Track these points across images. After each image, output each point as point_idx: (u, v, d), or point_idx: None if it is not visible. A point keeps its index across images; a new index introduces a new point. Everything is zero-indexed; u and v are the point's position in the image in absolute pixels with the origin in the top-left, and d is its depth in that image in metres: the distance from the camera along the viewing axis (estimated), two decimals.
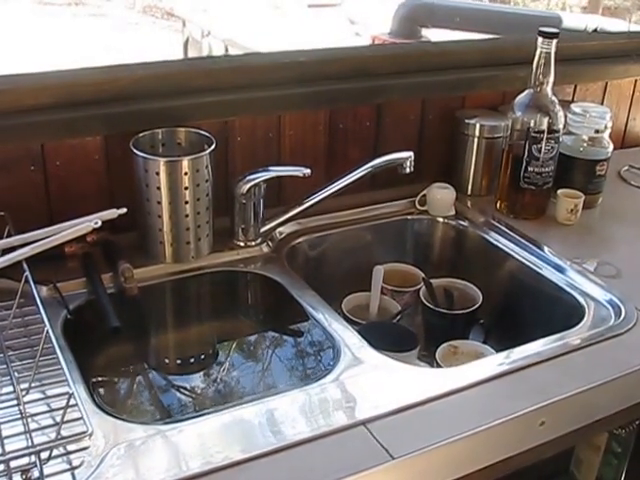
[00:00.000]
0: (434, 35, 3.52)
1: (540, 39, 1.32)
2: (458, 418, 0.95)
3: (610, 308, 1.17)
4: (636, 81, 1.70)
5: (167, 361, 1.26)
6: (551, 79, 1.34)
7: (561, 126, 1.35)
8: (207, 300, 1.28)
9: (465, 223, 1.43)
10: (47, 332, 0.93)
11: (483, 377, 1.01)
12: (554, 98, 1.35)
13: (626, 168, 1.63)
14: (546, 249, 1.32)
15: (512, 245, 1.35)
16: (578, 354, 1.07)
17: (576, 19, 2.72)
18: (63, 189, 1.24)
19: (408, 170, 1.25)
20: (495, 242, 1.37)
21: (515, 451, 0.99)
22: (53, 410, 0.93)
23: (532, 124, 1.34)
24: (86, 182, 1.25)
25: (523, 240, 1.35)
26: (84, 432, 0.83)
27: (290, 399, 0.97)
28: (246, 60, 1.33)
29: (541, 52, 1.33)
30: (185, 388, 1.15)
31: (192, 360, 1.25)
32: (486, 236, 1.39)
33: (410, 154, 1.24)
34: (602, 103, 1.66)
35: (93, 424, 0.83)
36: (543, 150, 1.34)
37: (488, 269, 1.38)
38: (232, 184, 1.26)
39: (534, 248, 1.33)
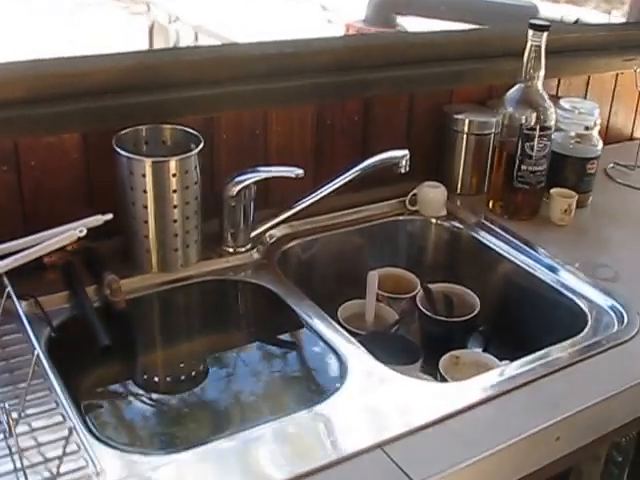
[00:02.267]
0: (410, 23, 3.47)
1: (531, 32, 1.28)
2: (476, 436, 0.90)
3: (612, 314, 1.14)
4: (617, 75, 1.68)
5: (157, 380, 1.17)
6: (542, 73, 1.30)
7: (553, 122, 1.32)
8: (198, 312, 1.21)
9: (459, 224, 1.39)
10: (38, 356, 0.85)
11: (495, 392, 0.97)
12: (544, 93, 1.31)
13: (611, 165, 1.61)
14: (542, 252, 1.29)
15: (508, 248, 1.32)
16: (586, 364, 1.04)
17: (549, 9, 2.69)
18: (38, 191, 1.15)
19: (404, 170, 1.20)
20: (491, 245, 1.33)
21: (532, 468, 0.96)
22: (43, 444, 0.84)
23: (524, 120, 1.30)
24: (63, 183, 1.16)
25: (519, 242, 1.31)
26: (85, 468, 0.77)
27: (298, 421, 0.91)
28: (232, 51, 1.25)
29: (532, 45, 1.29)
30: (181, 409, 1.07)
31: (184, 378, 1.17)
32: (481, 238, 1.35)
33: (405, 152, 1.19)
34: (585, 97, 1.64)
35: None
36: (536, 148, 1.31)
37: (484, 273, 1.34)
38: (218, 185, 1.19)
39: (530, 251, 1.30)
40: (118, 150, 1.09)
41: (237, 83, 1.23)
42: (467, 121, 1.41)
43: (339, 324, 1.16)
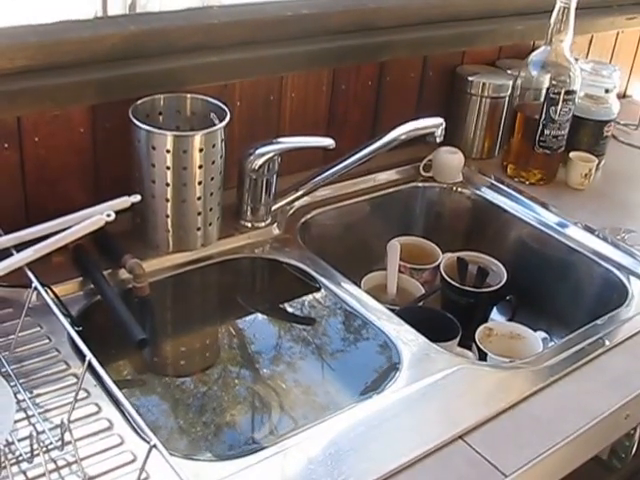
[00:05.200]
0: None
1: None
2: (553, 421, 0.86)
3: None
4: (618, 34, 1.65)
5: (187, 366, 1.08)
6: (569, 36, 1.25)
7: (578, 86, 1.27)
8: (224, 293, 1.12)
9: (477, 190, 1.34)
10: (89, 362, 0.76)
11: (560, 372, 0.93)
12: (571, 57, 1.27)
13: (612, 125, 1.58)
14: (567, 217, 1.25)
15: (531, 213, 1.28)
16: None
17: None
18: (42, 170, 1.03)
19: (439, 139, 1.13)
20: (512, 210, 1.29)
21: (601, 447, 0.93)
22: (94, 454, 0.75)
23: (549, 84, 1.25)
24: (69, 160, 1.05)
25: (541, 207, 1.28)
26: None
27: (365, 414, 0.84)
28: (248, 13, 1.14)
29: (560, 7, 1.23)
30: (226, 403, 0.99)
31: (218, 363, 1.07)
32: (501, 204, 1.31)
33: (441, 121, 1.12)
34: (587, 57, 1.60)
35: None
36: (560, 112, 1.26)
37: (506, 239, 1.30)
38: (231, 154, 1.08)
39: (553, 216, 1.26)
40: (137, 123, 0.99)
41: (254, 48, 1.13)
42: (482, 83, 1.34)
43: None
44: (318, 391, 1.01)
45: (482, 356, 1.06)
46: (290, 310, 1.15)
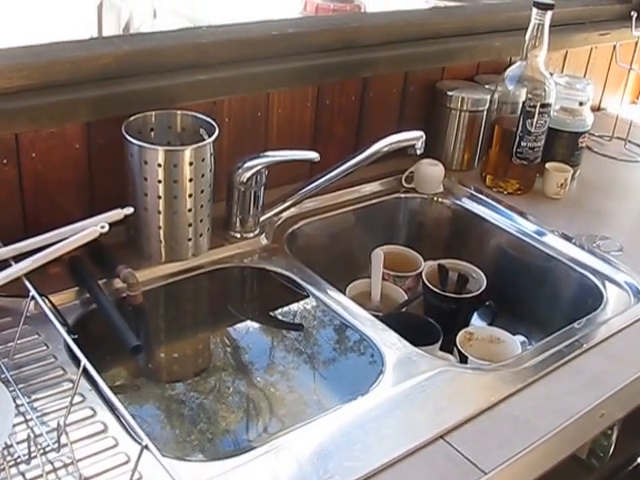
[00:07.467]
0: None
1: (535, 10, 1.29)
2: (531, 420, 0.90)
3: (627, 288, 1.16)
4: (591, 49, 1.71)
5: (180, 372, 1.12)
6: (544, 52, 1.31)
7: (553, 100, 1.33)
8: (214, 301, 1.17)
9: (457, 201, 1.39)
10: (84, 367, 0.79)
11: (539, 373, 0.97)
12: (546, 71, 1.32)
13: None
14: (544, 225, 1.30)
15: (509, 222, 1.33)
16: (616, 338, 1.06)
17: None
18: (40, 185, 1.07)
19: (419, 151, 1.18)
20: (491, 219, 1.34)
21: (577, 445, 0.97)
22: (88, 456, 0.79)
23: (525, 98, 1.31)
24: (66, 175, 1.09)
25: (519, 216, 1.33)
26: None
27: (350, 415, 0.88)
28: (236, 33, 1.18)
29: (535, 24, 1.29)
30: (217, 406, 1.02)
31: (208, 369, 1.11)
32: (481, 213, 1.35)
33: (421, 134, 1.16)
34: (562, 71, 1.66)
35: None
36: (536, 124, 1.32)
37: (485, 247, 1.35)
38: (220, 168, 1.13)
39: (531, 225, 1.31)
40: (129, 139, 1.03)
41: (242, 66, 1.18)
42: (461, 98, 1.40)
43: None
44: (304, 392, 1.05)
45: (463, 360, 1.09)
46: (278, 317, 1.19)
